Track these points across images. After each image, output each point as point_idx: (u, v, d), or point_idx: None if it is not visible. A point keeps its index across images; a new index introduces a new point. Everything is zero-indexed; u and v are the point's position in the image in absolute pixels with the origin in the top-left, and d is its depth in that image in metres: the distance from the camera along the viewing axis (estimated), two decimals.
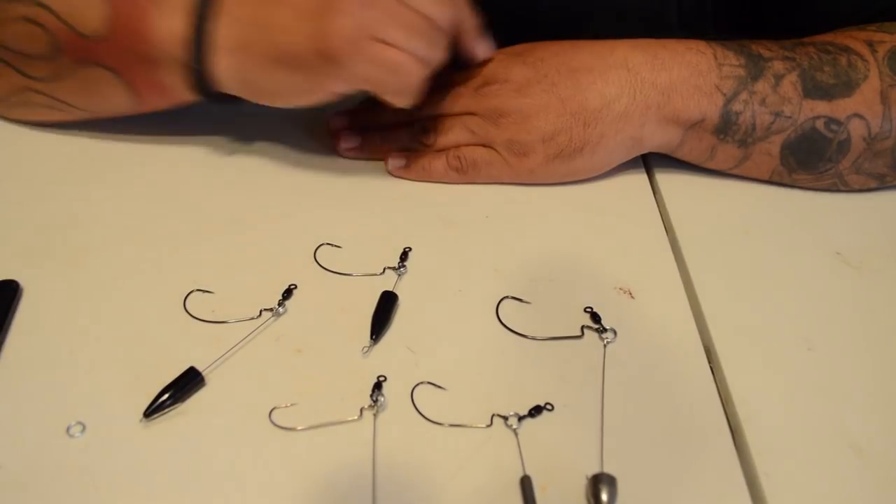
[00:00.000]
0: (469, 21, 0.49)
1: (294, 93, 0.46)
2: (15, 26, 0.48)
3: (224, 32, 0.45)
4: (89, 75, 0.49)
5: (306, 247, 0.47)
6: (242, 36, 0.45)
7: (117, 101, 0.50)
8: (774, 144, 0.50)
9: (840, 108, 0.48)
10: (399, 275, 0.46)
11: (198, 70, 0.46)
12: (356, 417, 0.38)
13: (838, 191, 0.52)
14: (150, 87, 0.49)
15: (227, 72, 0.46)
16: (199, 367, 0.39)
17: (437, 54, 0.46)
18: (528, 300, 0.45)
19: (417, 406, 0.39)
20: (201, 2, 0.45)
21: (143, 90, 0.49)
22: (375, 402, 0.39)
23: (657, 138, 0.50)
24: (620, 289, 0.45)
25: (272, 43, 0.44)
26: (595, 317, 0.43)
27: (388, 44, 0.43)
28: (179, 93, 0.48)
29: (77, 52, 0.48)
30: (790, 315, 0.44)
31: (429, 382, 0.40)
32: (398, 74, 0.45)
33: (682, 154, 0.52)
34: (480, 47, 0.51)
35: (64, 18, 0.47)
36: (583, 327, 0.43)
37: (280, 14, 0.44)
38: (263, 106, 0.48)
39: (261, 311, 0.43)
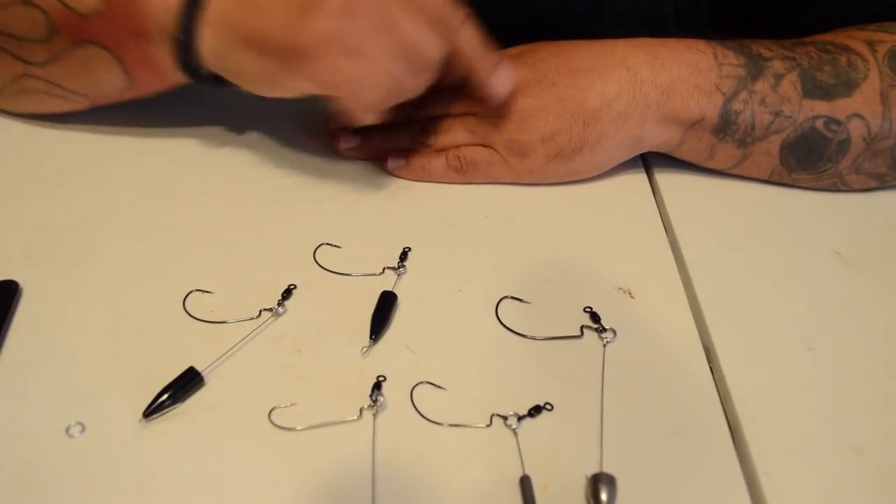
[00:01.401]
0: (475, 53, 0.47)
1: (260, 79, 0.45)
2: (13, 10, 0.48)
3: (214, 6, 0.44)
4: (84, 54, 0.48)
5: (306, 247, 0.47)
6: (229, 13, 0.44)
7: (111, 80, 0.50)
8: (774, 144, 0.50)
9: (840, 107, 0.48)
10: (399, 275, 0.46)
11: (184, 43, 0.45)
12: (356, 417, 0.38)
13: (838, 191, 0.52)
14: (141, 65, 0.48)
15: (210, 47, 0.45)
16: (199, 367, 0.39)
17: (412, 81, 0.45)
18: (528, 300, 0.45)
19: (417, 406, 0.39)
20: None
21: (135, 68, 0.48)
22: (375, 402, 0.39)
23: (657, 137, 0.50)
24: (620, 289, 0.45)
25: (253, 25, 0.44)
26: (595, 317, 0.43)
27: (360, 56, 0.43)
28: (168, 70, 0.47)
29: (73, 31, 0.48)
30: (790, 315, 0.44)
31: (428, 382, 0.40)
32: (359, 90, 0.44)
33: (681, 153, 0.52)
34: (496, 82, 0.48)
35: None
36: (582, 327, 0.43)
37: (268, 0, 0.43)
38: (253, 99, 0.47)
39: (260, 311, 0.43)
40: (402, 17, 0.43)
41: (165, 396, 0.38)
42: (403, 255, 0.47)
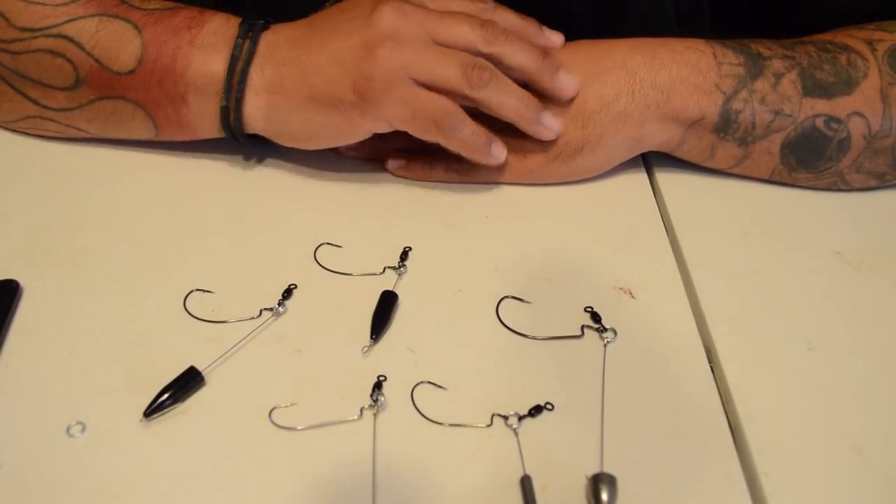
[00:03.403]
0: (521, 26, 0.49)
1: (329, 133, 0.48)
2: (38, 58, 0.48)
3: (261, 73, 0.46)
4: (112, 107, 0.49)
5: (306, 247, 0.47)
6: (279, 78, 0.46)
7: (136, 131, 0.51)
8: (774, 143, 0.50)
9: (840, 106, 0.48)
10: (399, 274, 0.46)
11: (228, 109, 0.47)
12: (356, 417, 0.38)
13: (838, 190, 0.52)
14: (171, 122, 0.49)
15: (258, 111, 0.47)
16: (199, 367, 0.39)
17: (478, 82, 0.46)
18: (528, 300, 0.45)
19: (417, 406, 0.39)
20: (243, 47, 0.47)
21: (164, 124, 0.50)
22: (375, 401, 0.39)
23: (657, 137, 0.50)
24: (620, 289, 0.45)
25: (311, 84, 0.46)
26: (595, 316, 0.43)
27: (424, 83, 0.45)
28: (201, 129, 0.49)
29: (102, 86, 0.48)
30: (790, 315, 0.44)
31: (429, 382, 0.40)
32: (434, 113, 0.45)
33: (682, 153, 0.52)
34: (550, 39, 0.50)
35: (94, 55, 0.47)
36: (583, 327, 0.43)
37: (318, 57, 0.46)
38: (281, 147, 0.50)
39: (261, 311, 0.43)
40: (444, 28, 0.46)
41: (166, 396, 0.38)
42: (404, 255, 0.47)
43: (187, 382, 0.39)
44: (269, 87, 0.47)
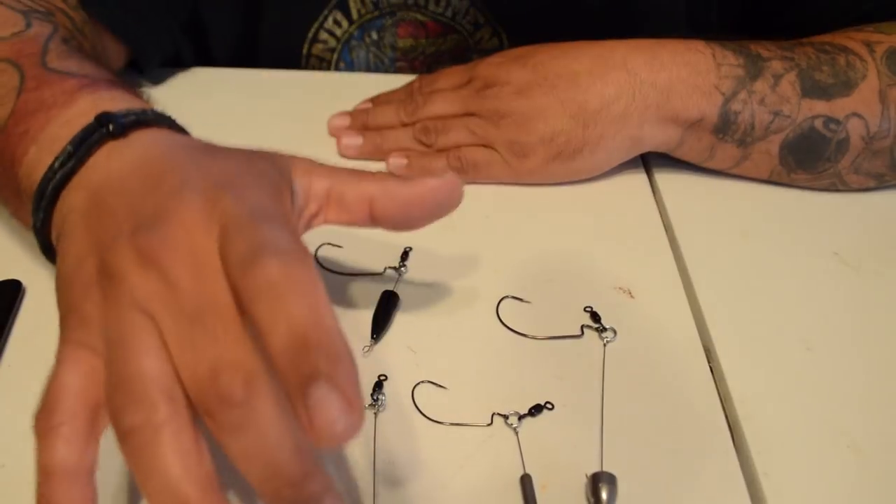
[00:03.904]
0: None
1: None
2: None
3: (72, 198, 0.34)
4: None
5: (307, 246, 0.47)
6: (68, 217, 0.33)
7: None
8: (773, 144, 0.50)
9: (839, 107, 0.48)
10: (400, 275, 0.46)
11: (36, 229, 0.35)
12: None
13: (837, 191, 0.53)
14: (20, 219, 0.40)
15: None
16: None
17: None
18: (528, 300, 0.45)
19: (418, 405, 0.39)
20: (70, 157, 0.34)
21: (16, 217, 0.40)
22: (376, 401, 0.39)
23: (657, 138, 0.50)
24: (620, 288, 0.46)
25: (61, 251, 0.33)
26: (595, 316, 0.44)
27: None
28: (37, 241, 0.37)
29: None
30: (789, 315, 0.45)
31: (429, 382, 0.40)
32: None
33: (681, 154, 0.52)
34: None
35: None
36: (583, 327, 0.43)
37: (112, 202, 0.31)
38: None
39: None
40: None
41: None
42: (404, 255, 0.47)
43: None
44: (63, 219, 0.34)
